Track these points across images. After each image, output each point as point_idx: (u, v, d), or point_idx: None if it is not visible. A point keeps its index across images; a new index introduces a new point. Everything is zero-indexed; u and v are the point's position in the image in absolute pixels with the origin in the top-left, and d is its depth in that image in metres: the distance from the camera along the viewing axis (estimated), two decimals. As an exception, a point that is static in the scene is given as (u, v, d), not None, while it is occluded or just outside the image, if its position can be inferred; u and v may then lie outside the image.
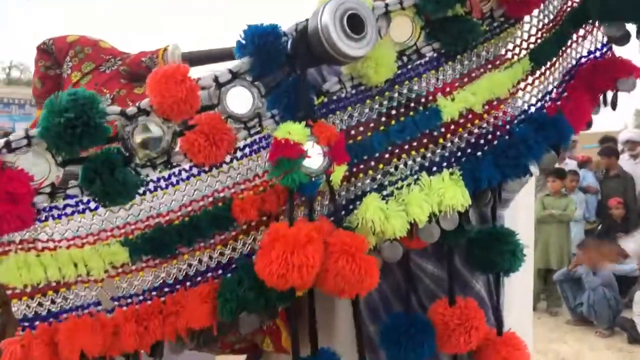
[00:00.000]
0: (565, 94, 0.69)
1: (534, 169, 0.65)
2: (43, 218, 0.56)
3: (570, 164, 6.42)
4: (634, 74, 0.68)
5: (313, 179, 0.56)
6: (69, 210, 0.56)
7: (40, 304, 0.56)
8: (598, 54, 0.71)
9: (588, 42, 0.71)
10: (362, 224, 0.59)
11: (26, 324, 0.56)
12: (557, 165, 6.08)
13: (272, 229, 0.54)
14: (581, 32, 0.71)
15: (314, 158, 0.56)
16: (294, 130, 0.55)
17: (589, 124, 0.70)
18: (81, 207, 0.56)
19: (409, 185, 0.62)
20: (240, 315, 0.58)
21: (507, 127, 0.64)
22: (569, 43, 0.71)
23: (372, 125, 0.62)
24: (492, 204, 0.66)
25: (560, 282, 5.14)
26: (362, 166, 0.62)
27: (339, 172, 0.58)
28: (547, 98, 0.68)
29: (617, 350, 4.72)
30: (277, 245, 0.52)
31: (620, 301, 4.81)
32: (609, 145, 6.25)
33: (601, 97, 0.70)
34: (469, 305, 0.65)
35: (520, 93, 0.67)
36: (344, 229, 0.60)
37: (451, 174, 0.62)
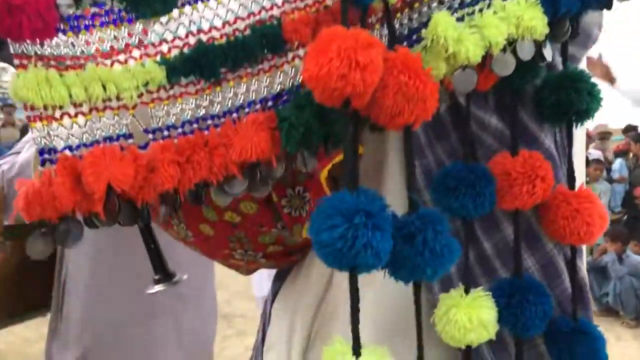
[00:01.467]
0: None
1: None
2: (68, 29, 0.48)
3: (593, 154, 6.44)
4: None
5: None
6: (97, 21, 0.48)
7: (62, 132, 0.48)
8: None
9: None
10: (431, 44, 0.51)
11: (46, 156, 0.48)
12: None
13: (326, 31, 0.44)
14: None
15: None
16: None
17: None
18: (112, 17, 0.48)
19: (480, 10, 0.54)
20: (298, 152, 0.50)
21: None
22: None
23: None
24: (566, 40, 0.58)
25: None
26: None
27: None
28: None
29: (646, 341, 4.62)
30: (334, 44, 0.43)
31: (647, 291, 4.71)
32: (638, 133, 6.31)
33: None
34: (534, 156, 0.58)
35: None
36: None
37: (528, -4, 0.54)
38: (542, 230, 0.62)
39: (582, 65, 0.69)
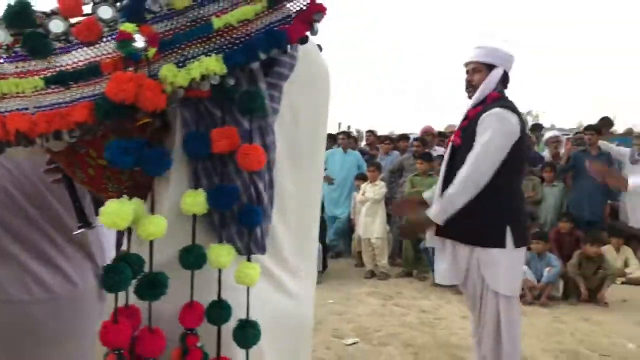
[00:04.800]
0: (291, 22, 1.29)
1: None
2: (2, 61, 1.12)
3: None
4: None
5: (138, 52, 1.14)
6: (15, 58, 1.13)
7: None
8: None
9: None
10: (161, 78, 1.17)
11: (-10, 115, 1.12)
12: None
13: (115, 74, 1.11)
14: None
15: (139, 42, 1.14)
16: (129, 27, 1.13)
17: (302, 40, 1.30)
18: (22, 57, 1.13)
19: (193, 62, 1.21)
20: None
21: (252, 34, 1.24)
22: None
23: (177, 29, 1.21)
24: (240, 77, 1.25)
25: (426, 250, 6.49)
26: (169, 51, 1.20)
27: (152, 51, 1.15)
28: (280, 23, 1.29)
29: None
30: (115, 80, 1.09)
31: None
32: None
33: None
34: (229, 129, 1.23)
35: (261, 19, 1.26)
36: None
37: (216, 55, 1.21)
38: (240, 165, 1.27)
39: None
